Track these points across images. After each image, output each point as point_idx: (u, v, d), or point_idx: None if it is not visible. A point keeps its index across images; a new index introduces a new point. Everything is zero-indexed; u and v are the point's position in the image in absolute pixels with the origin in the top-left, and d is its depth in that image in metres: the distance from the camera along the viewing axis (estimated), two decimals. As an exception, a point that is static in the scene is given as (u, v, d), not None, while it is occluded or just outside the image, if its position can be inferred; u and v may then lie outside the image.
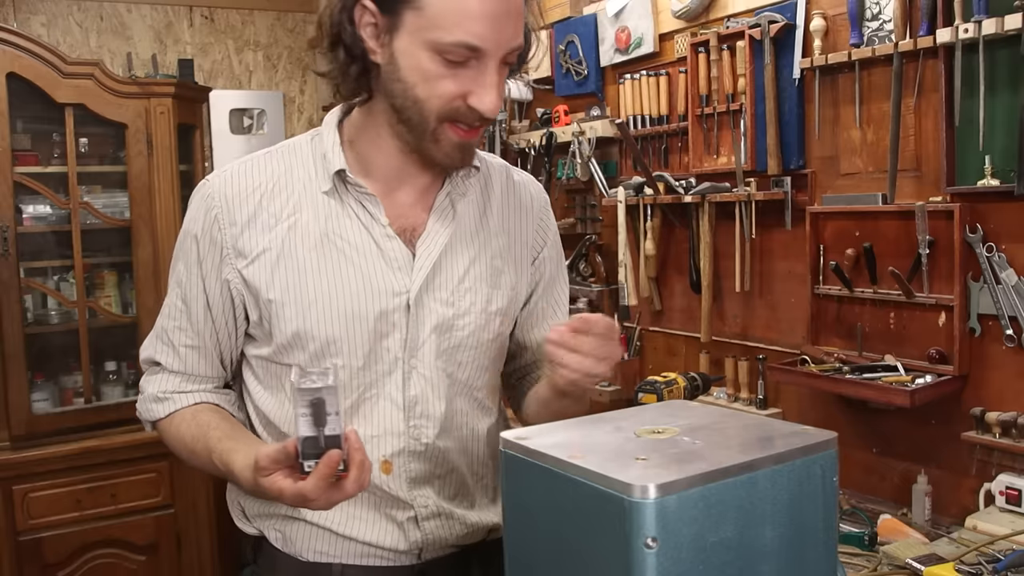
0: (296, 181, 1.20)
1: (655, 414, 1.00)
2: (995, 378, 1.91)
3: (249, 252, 1.17)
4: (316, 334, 1.16)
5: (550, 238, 1.37)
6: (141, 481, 3.02)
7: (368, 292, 1.17)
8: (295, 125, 3.88)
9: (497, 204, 1.30)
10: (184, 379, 1.24)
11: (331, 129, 1.21)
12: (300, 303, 1.16)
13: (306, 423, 0.96)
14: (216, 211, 1.18)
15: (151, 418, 1.26)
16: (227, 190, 1.19)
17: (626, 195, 2.70)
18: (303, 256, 1.17)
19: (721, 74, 2.45)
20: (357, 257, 1.18)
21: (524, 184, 1.36)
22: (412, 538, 1.21)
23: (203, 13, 3.68)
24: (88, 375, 3.03)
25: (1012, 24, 1.76)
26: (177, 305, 1.23)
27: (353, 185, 1.19)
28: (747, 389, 2.45)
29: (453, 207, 1.24)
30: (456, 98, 1.08)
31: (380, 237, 1.18)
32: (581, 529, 0.81)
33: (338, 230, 1.18)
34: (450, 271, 1.22)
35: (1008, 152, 1.83)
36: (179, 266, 1.23)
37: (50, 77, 2.88)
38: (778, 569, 0.83)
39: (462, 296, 1.22)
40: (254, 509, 1.26)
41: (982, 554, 1.62)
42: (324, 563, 1.22)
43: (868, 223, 2.13)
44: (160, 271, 3.07)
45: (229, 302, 1.20)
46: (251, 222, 1.18)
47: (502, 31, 1.06)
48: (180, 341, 1.23)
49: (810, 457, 0.86)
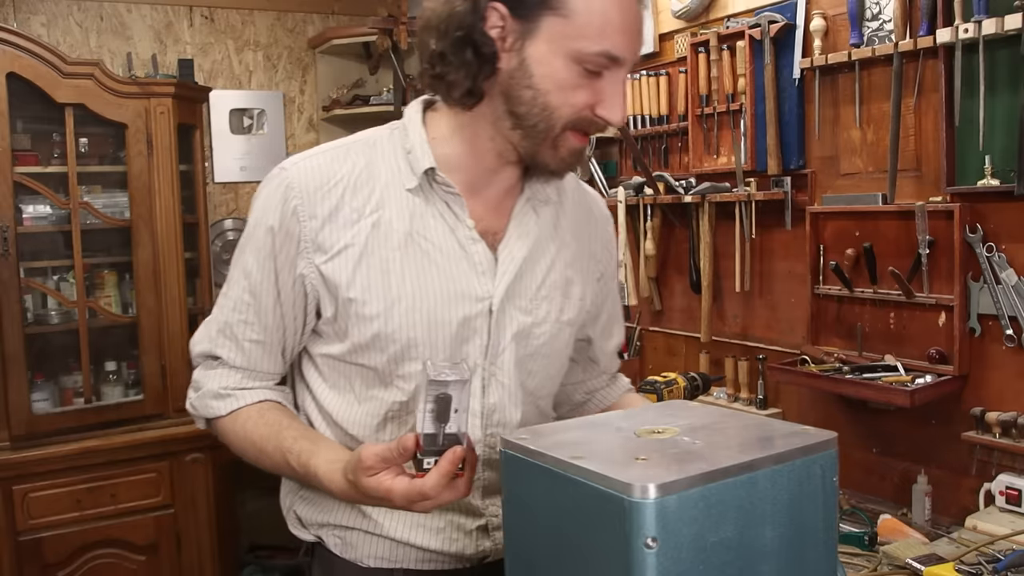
0: (378, 176, 1.16)
1: (655, 414, 1.00)
2: (995, 378, 1.91)
3: (330, 247, 1.13)
4: (397, 336, 1.13)
5: (612, 255, 1.38)
6: (141, 481, 3.01)
7: (452, 295, 1.14)
8: (295, 125, 3.88)
9: (571, 214, 1.28)
10: (246, 375, 1.20)
11: (417, 125, 1.17)
12: (382, 303, 1.12)
13: (430, 419, 0.95)
14: (295, 203, 1.13)
15: (211, 415, 1.20)
16: (308, 181, 1.14)
17: (626, 195, 2.70)
18: (387, 255, 1.13)
19: (721, 74, 2.45)
20: (441, 259, 1.14)
21: (594, 197, 1.37)
22: (481, 547, 1.19)
23: (203, 13, 3.68)
24: (88, 375, 3.02)
25: (1012, 24, 1.76)
26: (244, 299, 1.17)
27: (440, 184, 1.15)
28: (747, 389, 2.45)
29: (535, 212, 1.22)
30: (585, 107, 1.08)
31: (465, 239, 1.16)
32: (581, 529, 0.81)
33: (423, 230, 1.14)
34: (530, 278, 1.20)
35: (1008, 152, 1.83)
36: (248, 258, 1.17)
37: (50, 77, 2.88)
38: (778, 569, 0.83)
39: (539, 304, 1.20)
40: (312, 516, 1.23)
41: (982, 554, 1.62)
42: (385, 568, 1.19)
43: (868, 223, 2.13)
44: (160, 271, 3.07)
45: (301, 297, 1.16)
46: (333, 216, 1.13)
47: (636, 42, 1.09)
48: (245, 336, 1.18)
49: (810, 457, 0.86)
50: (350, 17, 3.94)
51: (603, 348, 1.40)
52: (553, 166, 1.14)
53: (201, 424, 1.24)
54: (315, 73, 3.91)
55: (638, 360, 2.86)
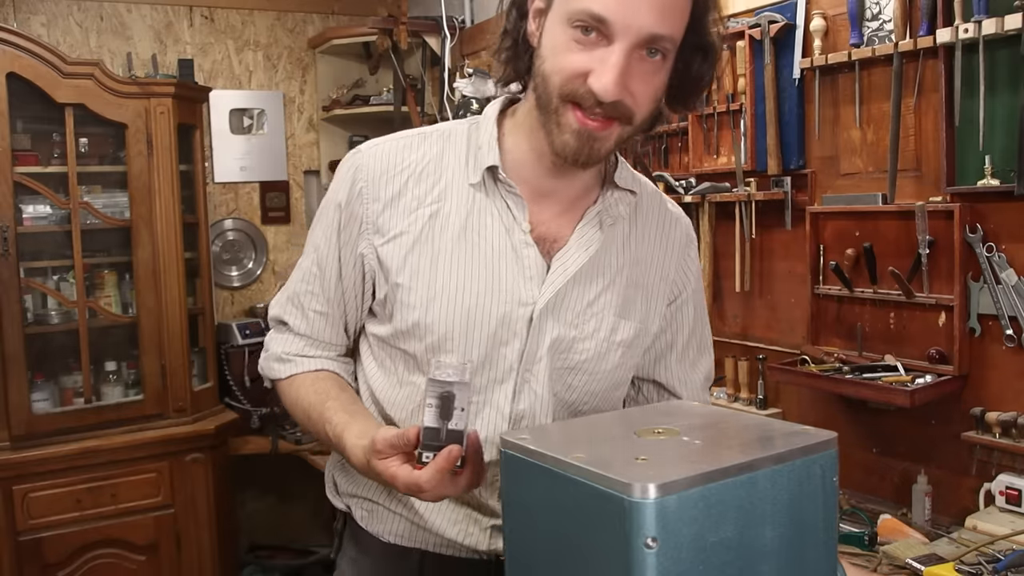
0: (446, 168, 1.16)
1: (655, 414, 1.00)
2: (995, 378, 1.91)
3: (387, 231, 1.15)
4: (436, 327, 1.13)
5: (692, 280, 1.30)
6: (141, 481, 3.01)
7: (496, 295, 1.13)
8: (295, 125, 3.88)
9: (644, 232, 1.24)
10: (309, 343, 1.24)
11: (490, 121, 1.17)
12: (426, 292, 1.13)
13: (432, 414, 0.96)
14: (362, 184, 1.16)
15: (272, 376, 1.26)
16: (376, 165, 1.16)
17: (626, 195, 2.70)
18: (439, 246, 1.14)
19: (721, 74, 2.45)
20: (492, 257, 1.14)
21: (676, 217, 1.29)
22: (494, 545, 1.20)
23: (203, 13, 3.68)
24: (88, 375, 3.03)
25: (1012, 24, 1.76)
26: (312, 270, 1.22)
27: (503, 183, 1.14)
28: (747, 389, 2.45)
29: (601, 227, 1.18)
30: (578, 76, 1.02)
31: (518, 242, 1.14)
32: (581, 529, 0.81)
33: (478, 226, 1.14)
34: (581, 292, 1.17)
35: (1008, 152, 1.83)
36: (318, 231, 1.22)
37: (50, 77, 2.88)
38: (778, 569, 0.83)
39: (587, 320, 1.17)
40: (345, 486, 1.28)
41: (982, 554, 1.62)
42: (405, 547, 1.22)
43: (868, 223, 2.13)
44: (160, 271, 3.07)
45: (360, 276, 1.19)
46: (394, 201, 1.15)
47: (636, 11, 0.99)
48: (310, 305, 1.22)
49: (810, 457, 0.86)
50: (350, 17, 3.94)
51: (683, 378, 1.32)
52: (557, 147, 1.07)
53: (267, 383, 1.30)
54: (315, 73, 3.91)
55: (638, 360, 2.86)
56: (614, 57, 1.00)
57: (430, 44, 3.57)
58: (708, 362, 1.36)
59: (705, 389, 1.36)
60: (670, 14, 1.02)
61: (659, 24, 1.01)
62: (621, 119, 1.05)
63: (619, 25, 1.00)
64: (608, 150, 1.09)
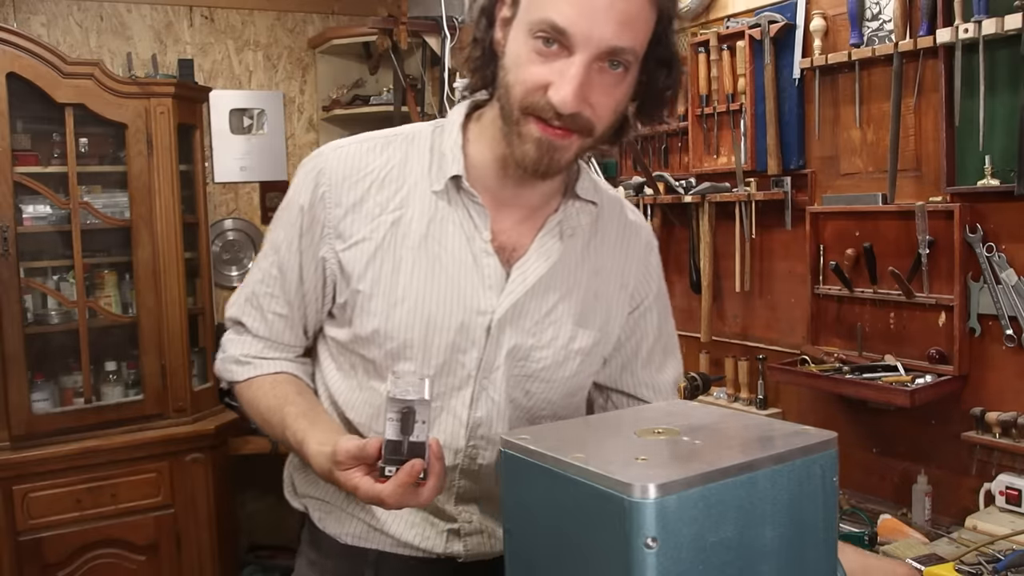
0: (409, 174, 1.16)
1: (655, 414, 1.00)
2: (995, 378, 1.91)
3: (349, 237, 1.15)
4: (395, 334, 1.14)
5: (654, 288, 1.31)
6: (141, 481, 3.01)
7: (455, 304, 1.14)
8: (295, 125, 3.88)
9: (603, 241, 1.24)
10: (267, 345, 1.24)
11: (455, 127, 1.17)
12: (387, 300, 1.14)
13: (393, 428, 0.96)
14: (324, 188, 1.15)
15: (230, 378, 1.26)
16: (339, 169, 1.16)
17: (626, 195, 2.70)
18: (400, 254, 1.14)
19: (721, 74, 2.45)
20: (452, 266, 1.14)
21: (636, 225, 1.30)
22: (451, 549, 1.21)
23: (203, 13, 3.68)
24: (88, 375, 3.02)
25: (1012, 24, 1.76)
26: (272, 272, 1.21)
27: (466, 192, 1.14)
28: (747, 389, 2.45)
29: (561, 237, 1.18)
30: (538, 88, 1.02)
31: (479, 251, 1.14)
32: (581, 529, 0.81)
33: (439, 235, 1.14)
34: (539, 301, 1.17)
35: (1008, 152, 1.83)
36: (279, 233, 1.20)
37: (50, 77, 2.88)
38: (778, 569, 0.83)
39: (545, 329, 1.18)
40: (303, 487, 1.28)
41: (982, 554, 1.62)
42: (362, 548, 1.22)
43: (868, 223, 2.13)
44: (160, 271, 3.07)
45: (321, 280, 1.18)
46: (357, 207, 1.15)
47: (597, 23, 0.99)
48: (269, 307, 1.22)
49: (810, 457, 0.86)
50: (350, 17, 3.94)
51: (650, 383, 1.32)
52: (517, 157, 1.07)
53: (225, 385, 1.29)
54: (315, 73, 3.91)
55: (638, 360, 2.86)
56: (573, 69, 1.00)
57: (430, 44, 3.57)
58: (675, 365, 1.36)
59: (674, 391, 1.37)
60: (631, 26, 1.01)
61: (620, 36, 1.00)
62: (581, 131, 1.05)
63: (579, 37, 0.99)
64: (568, 160, 1.09)
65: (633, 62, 1.04)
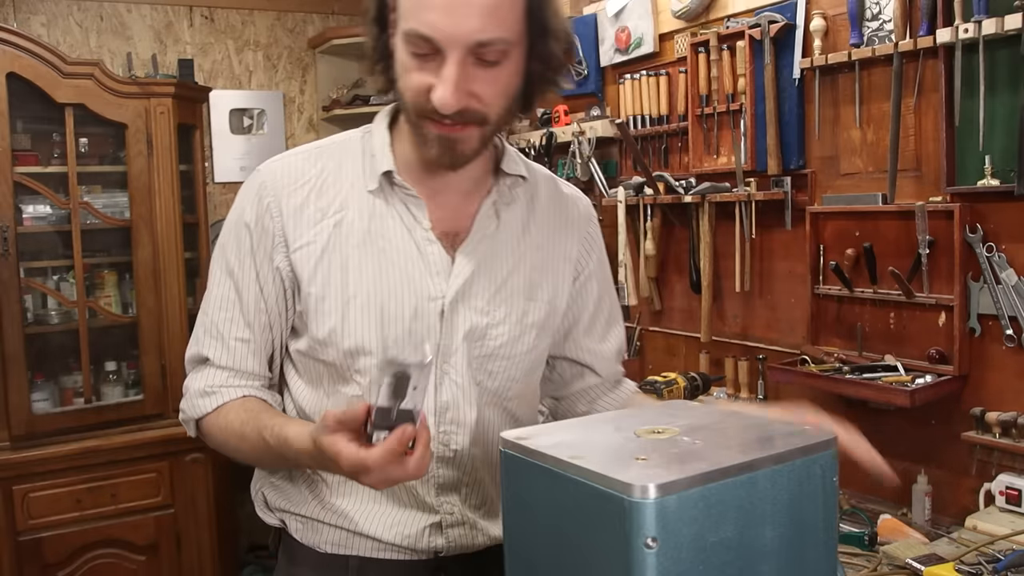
0: (344, 178, 1.19)
1: (655, 414, 1.00)
2: (995, 378, 1.91)
3: (295, 242, 1.17)
4: (352, 331, 1.15)
5: (595, 257, 1.35)
6: (141, 481, 3.01)
7: (406, 294, 1.16)
8: (295, 125, 3.88)
9: (542, 216, 1.28)
10: (232, 374, 1.21)
11: (382, 128, 1.21)
12: (339, 299, 1.16)
13: (385, 393, 0.94)
14: (269, 200, 1.17)
15: (197, 414, 1.21)
16: (278, 180, 1.18)
17: (626, 195, 2.70)
18: (347, 252, 1.16)
19: (721, 74, 2.45)
20: (398, 258, 1.17)
21: (572, 198, 1.34)
22: (434, 544, 1.21)
23: (203, 13, 3.68)
24: (88, 375, 3.03)
25: (1012, 24, 1.76)
26: (229, 296, 1.20)
27: (399, 186, 1.18)
28: (747, 389, 2.45)
29: (497, 216, 1.22)
30: (423, 92, 1.06)
31: (421, 240, 1.18)
32: (581, 529, 0.81)
33: (381, 230, 1.17)
34: (488, 280, 1.20)
35: (1008, 152, 1.83)
36: (229, 257, 1.20)
37: (50, 77, 2.88)
38: (778, 569, 0.83)
39: (497, 306, 1.21)
40: (276, 501, 1.27)
41: (982, 554, 1.62)
42: (341, 555, 1.22)
43: (868, 223, 2.13)
44: (160, 271, 3.07)
45: (281, 291, 1.19)
46: (299, 212, 1.17)
47: (461, 22, 1.01)
48: (231, 333, 1.20)
49: (810, 457, 0.86)
50: (350, 17, 3.94)
51: (594, 351, 1.36)
52: (425, 156, 1.13)
53: (191, 430, 1.25)
54: (315, 73, 3.91)
55: (638, 360, 2.86)
56: (447, 71, 1.03)
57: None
58: (618, 333, 1.39)
59: (618, 360, 1.40)
60: (495, 16, 1.03)
61: (485, 30, 1.03)
62: (475, 122, 1.08)
63: (444, 40, 1.02)
64: (475, 149, 1.13)
65: (510, 46, 1.07)
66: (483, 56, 1.05)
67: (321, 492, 1.22)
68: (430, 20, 1.02)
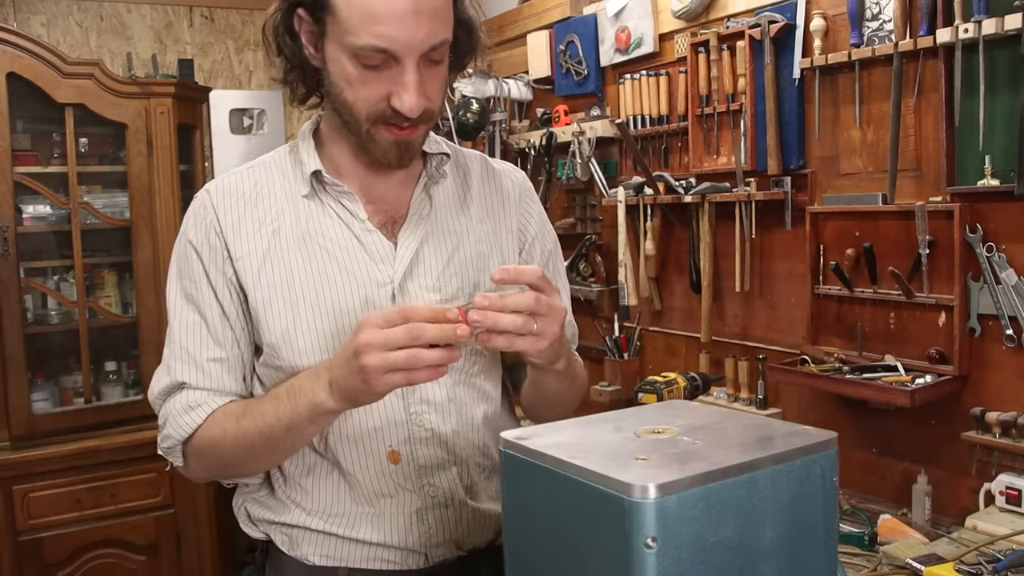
0: (278, 190, 1.23)
1: (655, 414, 1.00)
2: (995, 378, 1.91)
3: (236, 252, 1.20)
4: (305, 329, 1.17)
5: (535, 224, 1.37)
6: (141, 481, 3.02)
7: (353, 285, 1.19)
8: (295, 125, 3.88)
9: (477, 192, 1.32)
10: (211, 394, 1.20)
11: (306, 136, 1.26)
12: (287, 301, 1.18)
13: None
14: (210, 217, 1.21)
15: (186, 432, 1.19)
16: (216, 197, 1.23)
17: (626, 195, 2.70)
18: (287, 257, 1.19)
19: (721, 74, 2.45)
20: (339, 253, 1.20)
21: (504, 172, 1.38)
22: (419, 532, 1.22)
23: (203, 13, 3.68)
24: (88, 375, 3.03)
25: (1012, 24, 1.76)
26: (192, 319, 1.21)
27: (330, 185, 1.21)
28: (747, 389, 2.45)
29: (430, 197, 1.27)
30: (380, 100, 1.10)
31: (360, 232, 1.21)
32: (581, 529, 0.81)
33: (319, 229, 1.21)
34: (434, 258, 1.23)
35: (1008, 152, 1.83)
36: (184, 283, 1.22)
37: (50, 77, 2.88)
38: (778, 569, 0.83)
39: (448, 281, 1.24)
40: (260, 514, 1.27)
41: (982, 554, 1.62)
42: (330, 567, 1.22)
43: (868, 223, 2.13)
44: (160, 271, 3.07)
45: (239, 303, 1.21)
46: (238, 225, 1.21)
47: (415, 30, 1.06)
48: (204, 355, 1.20)
49: (810, 457, 0.86)
50: (350, 17, 3.94)
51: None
52: (378, 158, 1.17)
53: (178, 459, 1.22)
54: (315, 73, 3.91)
55: (638, 360, 2.86)
56: (407, 77, 1.08)
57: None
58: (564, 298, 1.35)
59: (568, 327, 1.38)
60: (441, 18, 1.09)
61: (435, 33, 1.08)
62: (425, 121, 1.15)
63: (402, 49, 1.06)
64: (421, 144, 1.21)
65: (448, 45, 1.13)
66: (431, 57, 1.10)
67: (303, 503, 1.23)
68: (385, 32, 1.05)
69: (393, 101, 1.09)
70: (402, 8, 1.04)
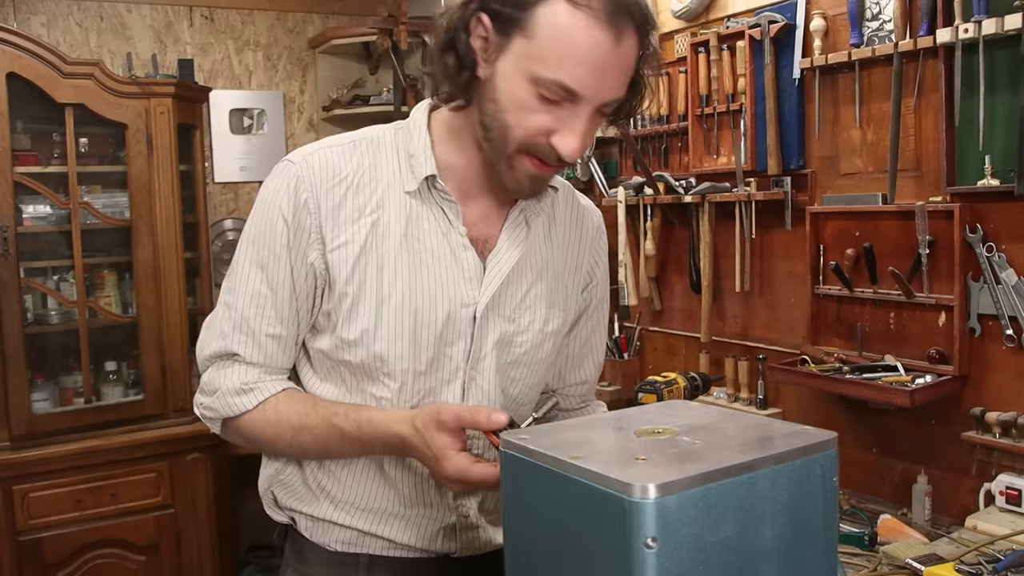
0: (381, 176, 1.18)
1: (655, 414, 1.00)
2: (995, 378, 1.91)
3: (332, 240, 1.15)
4: (384, 333, 1.15)
5: (601, 269, 1.38)
6: (141, 481, 3.01)
7: (440, 298, 1.17)
8: (295, 125, 3.88)
9: (562, 226, 1.30)
10: (263, 371, 1.19)
11: (421, 129, 1.20)
12: (374, 299, 1.15)
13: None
14: (306, 195, 1.15)
15: (235, 412, 1.18)
16: (316, 175, 1.16)
17: (626, 195, 2.70)
18: (383, 254, 1.16)
19: (721, 74, 2.45)
20: (433, 262, 1.17)
21: (588, 209, 1.36)
22: (447, 547, 1.22)
23: (203, 13, 3.68)
24: (88, 375, 3.02)
25: (1012, 24, 1.76)
26: (261, 291, 1.17)
27: (439, 191, 1.18)
28: (747, 389, 2.45)
29: (527, 224, 1.24)
30: (541, 134, 1.08)
31: (456, 245, 1.18)
32: (581, 529, 0.81)
33: (417, 232, 1.17)
34: (515, 288, 1.22)
35: (1008, 152, 1.83)
36: (262, 251, 1.17)
37: (50, 77, 2.88)
38: (778, 569, 0.83)
39: (523, 314, 1.22)
40: (286, 500, 1.27)
41: (982, 554, 1.62)
42: (352, 553, 1.23)
43: (868, 223, 2.13)
44: (160, 271, 3.07)
45: (312, 287, 1.17)
46: (337, 210, 1.16)
47: (604, 81, 1.05)
48: (262, 329, 1.18)
49: (810, 457, 0.86)
50: (350, 17, 3.94)
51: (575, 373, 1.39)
52: (509, 185, 1.15)
53: (216, 427, 1.23)
54: (315, 73, 3.91)
55: (638, 360, 2.86)
56: (580, 124, 1.07)
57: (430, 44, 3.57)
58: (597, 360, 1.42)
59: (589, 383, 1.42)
60: (627, 78, 1.09)
61: (620, 89, 1.09)
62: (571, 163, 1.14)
63: (589, 96, 1.05)
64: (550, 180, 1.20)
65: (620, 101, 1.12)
66: (603, 110, 1.09)
67: (334, 494, 1.23)
68: (580, 75, 1.03)
69: (554, 139, 1.07)
70: (603, 57, 1.03)
